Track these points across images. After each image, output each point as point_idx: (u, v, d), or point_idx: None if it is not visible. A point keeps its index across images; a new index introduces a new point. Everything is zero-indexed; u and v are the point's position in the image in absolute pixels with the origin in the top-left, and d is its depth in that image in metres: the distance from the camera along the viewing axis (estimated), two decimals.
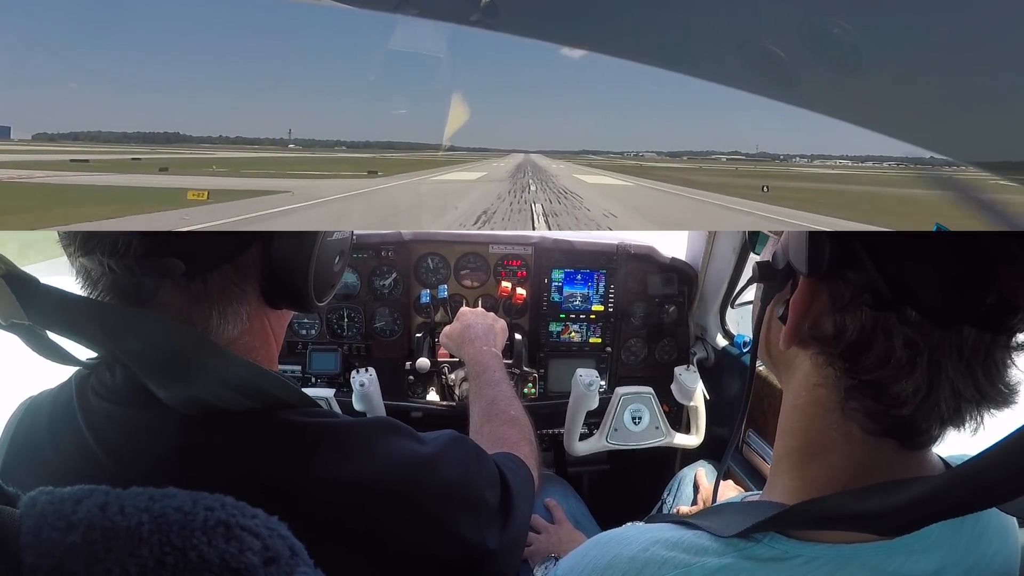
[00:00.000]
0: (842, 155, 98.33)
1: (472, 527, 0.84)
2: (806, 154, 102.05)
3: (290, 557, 0.53)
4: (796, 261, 0.66)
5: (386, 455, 0.80)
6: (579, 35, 0.86)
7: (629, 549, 0.69)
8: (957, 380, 0.59)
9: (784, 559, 0.63)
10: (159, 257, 0.73)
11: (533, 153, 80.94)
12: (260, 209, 7.47)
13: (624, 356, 2.44)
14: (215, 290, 0.78)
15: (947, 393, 0.59)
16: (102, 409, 0.77)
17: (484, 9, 0.80)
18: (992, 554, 0.69)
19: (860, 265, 0.59)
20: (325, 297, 0.91)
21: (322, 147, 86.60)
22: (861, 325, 0.60)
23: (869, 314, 0.60)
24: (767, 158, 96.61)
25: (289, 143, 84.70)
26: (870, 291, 0.59)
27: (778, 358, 0.74)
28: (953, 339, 0.58)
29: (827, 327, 0.64)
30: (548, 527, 1.72)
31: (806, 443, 0.69)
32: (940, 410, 0.60)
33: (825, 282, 0.63)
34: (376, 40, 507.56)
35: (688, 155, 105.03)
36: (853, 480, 0.65)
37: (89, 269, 0.75)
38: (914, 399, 0.59)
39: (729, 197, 12.31)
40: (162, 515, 0.50)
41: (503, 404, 1.33)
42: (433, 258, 2.33)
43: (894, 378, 0.59)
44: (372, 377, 1.93)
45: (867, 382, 0.61)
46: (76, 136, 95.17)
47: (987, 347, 0.58)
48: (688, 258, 2.42)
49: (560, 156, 79.11)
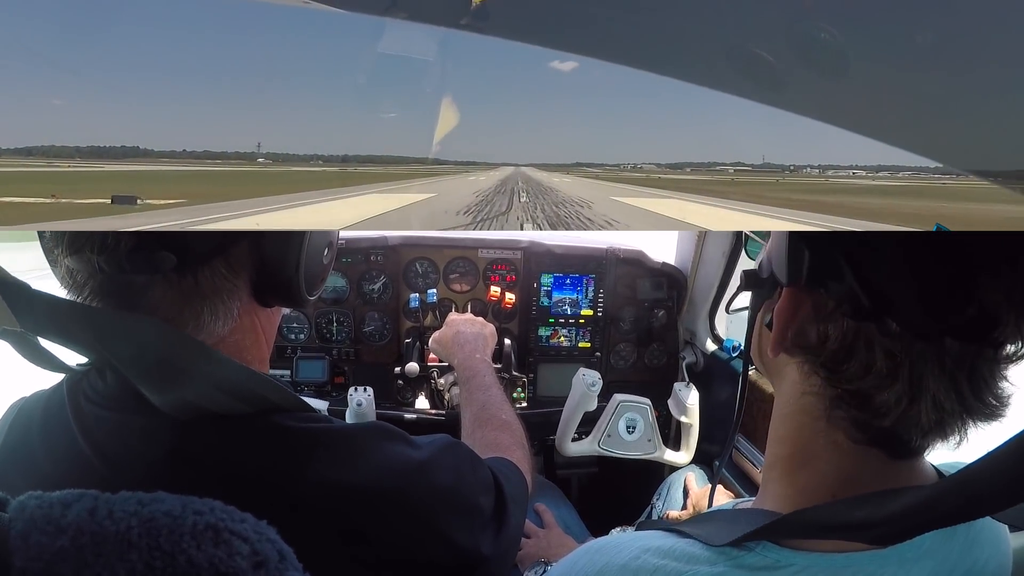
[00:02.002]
0: (851, 164, 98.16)
1: (466, 533, 0.84)
2: (814, 164, 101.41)
3: (279, 561, 0.53)
4: (777, 270, 0.67)
5: (380, 460, 0.80)
6: (568, 39, 0.87)
7: (620, 557, 0.69)
8: (939, 392, 0.58)
9: (776, 568, 0.63)
10: (149, 252, 0.72)
11: (524, 166, 76.91)
12: None
13: (613, 360, 2.44)
14: (206, 286, 0.77)
15: (928, 405, 0.59)
16: (94, 414, 0.76)
17: (474, 12, 0.80)
18: (984, 561, 0.69)
19: (840, 275, 0.59)
20: (315, 291, 0.91)
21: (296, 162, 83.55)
22: (843, 334, 0.61)
23: (850, 324, 0.60)
24: (775, 168, 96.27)
25: (258, 157, 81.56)
26: (850, 301, 0.59)
27: (768, 364, 0.75)
28: (934, 351, 0.58)
29: (811, 336, 0.64)
30: (538, 532, 1.72)
31: (795, 451, 0.69)
32: (922, 422, 0.60)
33: (807, 291, 0.63)
34: (364, 43, 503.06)
35: (691, 167, 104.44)
36: (843, 489, 0.65)
37: (75, 271, 0.74)
38: (896, 410, 0.59)
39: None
40: (151, 519, 0.50)
41: (494, 408, 1.33)
42: (422, 263, 2.33)
43: (876, 388, 0.60)
44: (369, 397, 1.93)
45: (851, 391, 0.62)
46: (30, 151, 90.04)
47: (972, 360, 0.58)
48: (677, 262, 2.43)
49: (553, 169, 77.38)
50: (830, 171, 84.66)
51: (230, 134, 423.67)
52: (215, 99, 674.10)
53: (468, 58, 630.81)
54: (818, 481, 0.67)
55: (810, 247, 0.62)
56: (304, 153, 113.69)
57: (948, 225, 2.18)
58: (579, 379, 1.95)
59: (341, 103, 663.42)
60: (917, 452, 0.65)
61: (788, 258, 0.64)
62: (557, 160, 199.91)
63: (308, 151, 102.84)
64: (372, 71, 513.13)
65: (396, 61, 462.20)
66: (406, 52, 6.35)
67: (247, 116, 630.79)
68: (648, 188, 20.77)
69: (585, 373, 1.95)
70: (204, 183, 15.65)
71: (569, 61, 60.68)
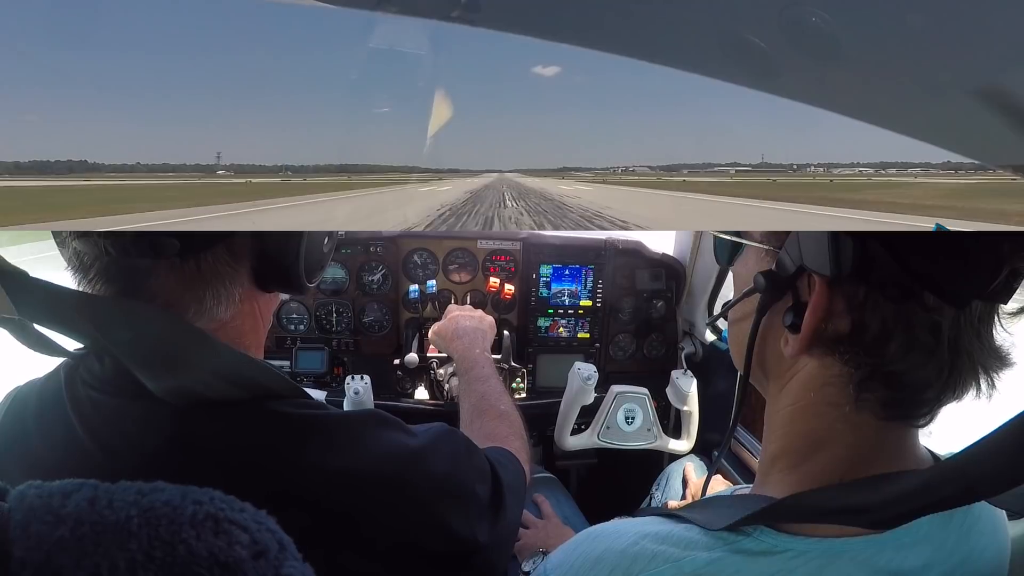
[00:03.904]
0: (852, 162, 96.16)
1: (462, 520, 0.84)
2: (812, 162, 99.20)
3: (279, 551, 0.53)
4: (815, 265, 0.64)
5: (376, 446, 0.81)
6: (557, 27, 0.86)
7: (619, 543, 0.69)
8: (973, 351, 0.61)
9: (774, 553, 0.63)
10: (153, 236, 0.73)
11: (508, 172, 72.29)
12: None
13: (612, 351, 2.45)
14: (208, 271, 0.78)
15: (969, 364, 0.62)
16: (91, 399, 0.76)
17: (465, 4, 0.80)
18: (982, 547, 0.69)
19: (880, 260, 0.60)
20: (315, 278, 0.92)
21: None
22: (883, 318, 0.61)
23: (889, 308, 0.61)
24: (778, 167, 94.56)
25: (217, 169, 78.25)
26: (892, 284, 0.60)
27: (773, 367, 0.73)
28: (967, 315, 0.60)
29: (842, 327, 0.64)
30: (536, 522, 1.73)
31: (807, 442, 0.69)
32: (962, 380, 0.62)
33: (839, 282, 0.63)
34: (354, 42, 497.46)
35: (688, 168, 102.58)
36: (851, 470, 0.65)
37: (82, 253, 0.75)
38: (939, 381, 0.61)
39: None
40: (151, 509, 0.50)
41: (493, 400, 1.34)
42: (421, 254, 2.33)
43: (918, 364, 0.61)
44: (367, 385, 1.93)
45: (884, 372, 0.62)
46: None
47: (989, 312, 0.62)
48: (676, 253, 2.43)
49: (539, 173, 74.81)
50: (836, 169, 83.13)
51: (191, 145, 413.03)
52: (171, 114, 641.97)
53: (458, 53, 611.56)
54: (830, 466, 0.67)
55: (852, 238, 0.62)
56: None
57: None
58: (575, 373, 1.95)
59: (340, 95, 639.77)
60: (935, 417, 0.67)
61: (832, 251, 0.62)
62: (543, 165, 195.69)
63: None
64: (365, 69, 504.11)
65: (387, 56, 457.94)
66: (395, 47, 5.91)
67: (208, 128, 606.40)
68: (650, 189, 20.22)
69: (580, 367, 1.95)
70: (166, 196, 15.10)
71: (555, 58, 57.74)
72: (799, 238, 0.67)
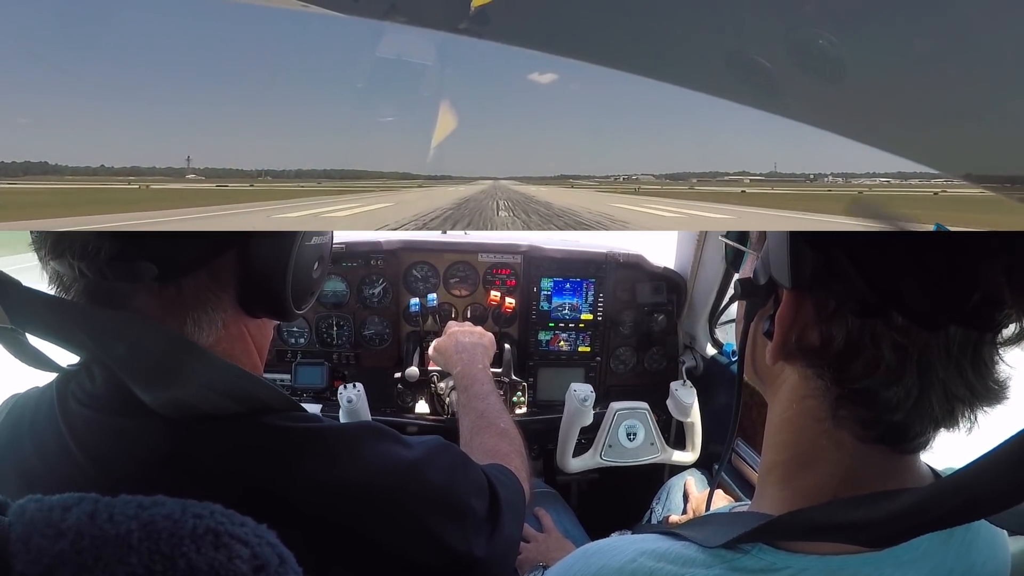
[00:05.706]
0: (849, 172, 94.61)
1: (458, 534, 0.84)
2: (820, 172, 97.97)
3: (279, 565, 0.53)
4: (778, 275, 0.66)
5: (371, 459, 0.80)
6: (566, 44, 0.87)
7: (616, 560, 0.69)
8: (948, 380, 0.59)
9: (772, 570, 0.63)
10: (130, 260, 0.73)
11: (503, 180, 71.35)
12: None
13: (613, 365, 2.44)
14: (189, 296, 0.77)
15: (939, 395, 0.59)
16: (82, 415, 0.76)
17: (474, 17, 0.81)
18: (981, 566, 0.68)
19: (844, 273, 0.59)
20: (304, 305, 0.91)
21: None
22: (848, 333, 0.60)
23: (855, 322, 0.60)
24: (793, 177, 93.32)
25: (187, 173, 76.07)
26: (855, 299, 0.59)
27: (764, 373, 0.74)
28: (940, 340, 0.58)
29: (813, 338, 0.63)
30: (536, 536, 1.72)
31: (795, 455, 0.69)
32: (934, 412, 0.60)
33: (808, 293, 0.63)
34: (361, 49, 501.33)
35: (696, 177, 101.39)
36: (844, 488, 0.64)
37: (61, 273, 0.75)
38: (906, 403, 0.59)
39: None
40: (151, 523, 0.50)
41: (492, 417, 1.33)
42: (422, 267, 2.33)
43: (885, 384, 0.59)
44: (360, 393, 1.92)
45: (856, 390, 0.61)
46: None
47: (974, 345, 0.58)
48: (677, 266, 2.43)
49: (542, 181, 74.00)
50: (840, 178, 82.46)
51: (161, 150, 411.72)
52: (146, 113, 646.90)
53: (464, 64, 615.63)
54: (821, 482, 0.66)
55: (813, 248, 0.61)
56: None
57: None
58: (571, 395, 1.94)
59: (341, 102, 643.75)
60: (924, 445, 0.65)
61: (791, 261, 0.63)
62: (542, 172, 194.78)
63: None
64: (369, 76, 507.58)
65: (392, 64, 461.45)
66: (401, 56, 6.02)
67: (178, 133, 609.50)
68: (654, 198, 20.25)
69: (577, 388, 1.94)
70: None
71: (559, 68, 58.03)
72: (768, 245, 0.67)
